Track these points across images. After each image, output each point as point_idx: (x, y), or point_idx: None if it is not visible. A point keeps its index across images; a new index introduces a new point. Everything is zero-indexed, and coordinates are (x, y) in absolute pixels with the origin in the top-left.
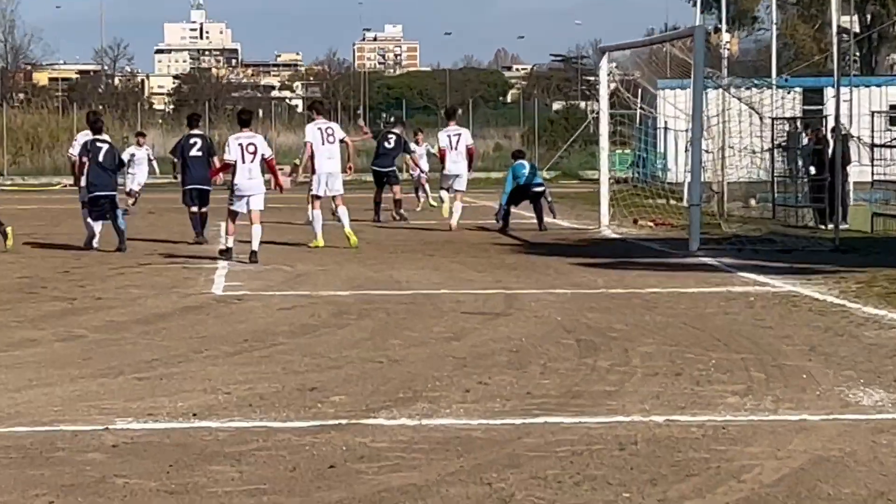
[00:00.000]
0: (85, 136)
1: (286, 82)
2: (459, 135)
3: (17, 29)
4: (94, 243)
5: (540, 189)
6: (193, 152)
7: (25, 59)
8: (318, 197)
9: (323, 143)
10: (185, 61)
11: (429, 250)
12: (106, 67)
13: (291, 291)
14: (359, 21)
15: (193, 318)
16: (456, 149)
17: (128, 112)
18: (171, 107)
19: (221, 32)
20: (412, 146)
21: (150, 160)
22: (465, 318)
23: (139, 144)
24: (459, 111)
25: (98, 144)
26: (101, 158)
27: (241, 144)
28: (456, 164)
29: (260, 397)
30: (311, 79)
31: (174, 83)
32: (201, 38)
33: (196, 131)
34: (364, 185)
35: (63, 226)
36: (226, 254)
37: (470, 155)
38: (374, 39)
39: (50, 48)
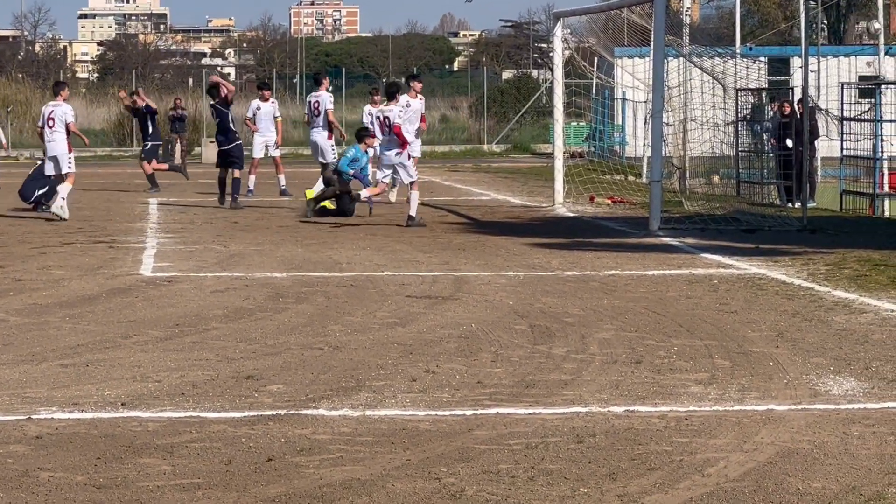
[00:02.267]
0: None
1: (218, 49)
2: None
3: None
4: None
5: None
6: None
7: None
8: None
9: None
10: (110, 27)
11: (370, 230)
12: (26, 33)
13: (224, 273)
14: None
15: (121, 301)
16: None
17: (49, 81)
18: (96, 75)
19: None
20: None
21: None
22: (411, 302)
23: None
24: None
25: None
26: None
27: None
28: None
29: (192, 386)
30: (245, 45)
31: (99, 50)
32: (128, 2)
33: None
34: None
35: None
36: None
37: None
38: (312, 4)
39: None
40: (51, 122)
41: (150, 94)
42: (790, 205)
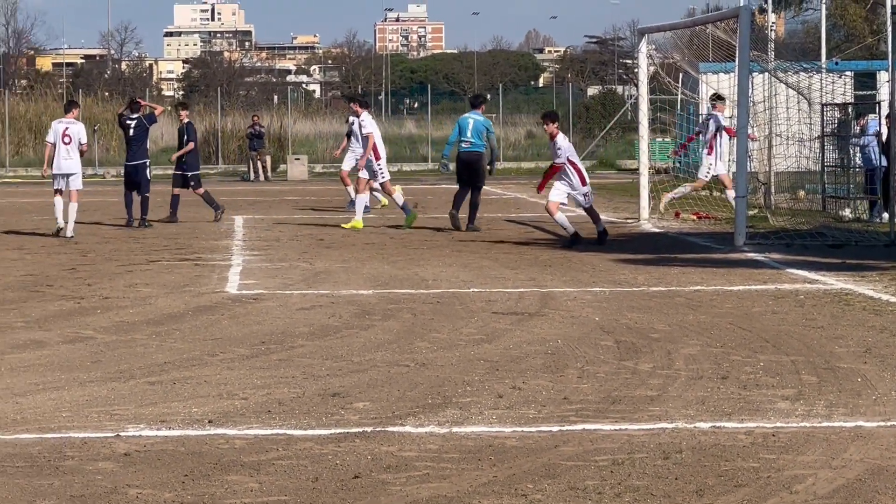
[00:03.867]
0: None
1: (303, 66)
2: None
3: (20, 12)
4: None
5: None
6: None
7: (28, 44)
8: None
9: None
10: (195, 44)
11: (457, 246)
12: (112, 52)
13: (310, 290)
14: (380, 1)
15: (207, 319)
16: None
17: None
18: (181, 93)
19: (234, 14)
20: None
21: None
22: (497, 318)
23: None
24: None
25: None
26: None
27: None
28: None
29: (279, 403)
30: (330, 62)
31: (184, 68)
32: (213, 19)
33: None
34: None
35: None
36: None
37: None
38: (397, 20)
39: (54, 32)
40: (66, 139)
41: (234, 110)
42: (877, 220)
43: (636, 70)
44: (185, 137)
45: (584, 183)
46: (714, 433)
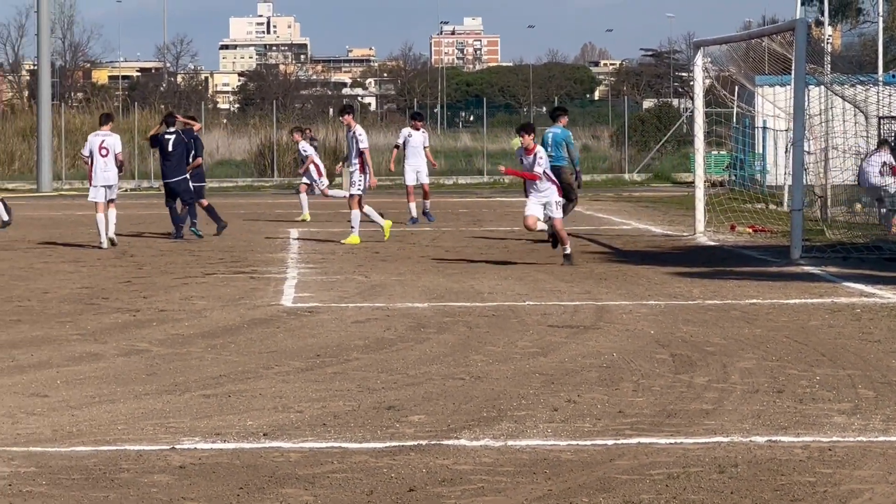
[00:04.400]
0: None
1: (358, 79)
2: None
3: (77, 25)
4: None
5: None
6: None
7: (84, 57)
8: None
9: None
10: (251, 57)
11: (512, 259)
12: (168, 65)
13: (366, 303)
14: (436, 14)
15: (262, 332)
16: None
17: (190, 111)
18: (237, 106)
19: (290, 26)
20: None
21: None
22: (552, 331)
23: None
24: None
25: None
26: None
27: None
28: None
29: (334, 416)
30: (385, 75)
31: (240, 81)
32: (268, 32)
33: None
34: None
35: (124, 232)
36: None
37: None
38: (453, 33)
39: (110, 45)
40: (104, 152)
41: (290, 124)
42: None
43: (692, 83)
44: (194, 150)
45: (560, 193)
46: (770, 447)
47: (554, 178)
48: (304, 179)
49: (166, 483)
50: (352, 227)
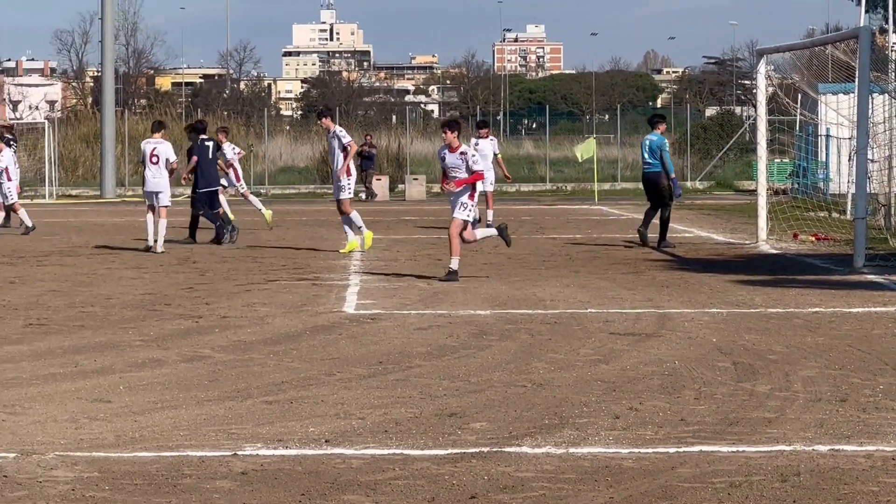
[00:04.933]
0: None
1: (421, 86)
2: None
3: (140, 32)
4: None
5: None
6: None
7: (148, 64)
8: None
9: None
10: (314, 64)
11: (574, 266)
12: (231, 71)
13: (428, 310)
14: (499, 21)
15: (325, 339)
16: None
17: (253, 118)
18: (300, 113)
19: (353, 33)
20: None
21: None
22: (614, 339)
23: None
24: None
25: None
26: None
27: None
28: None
29: (396, 423)
30: (448, 82)
31: (303, 87)
32: (331, 39)
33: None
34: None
35: (181, 239)
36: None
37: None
38: (515, 40)
39: (173, 52)
40: (154, 159)
41: (353, 131)
42: None
43: (754, 91)
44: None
45: (472, 198)
46: (833, 456)
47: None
48: (224, 182)
49: (228, 489)
50: (359, 228)
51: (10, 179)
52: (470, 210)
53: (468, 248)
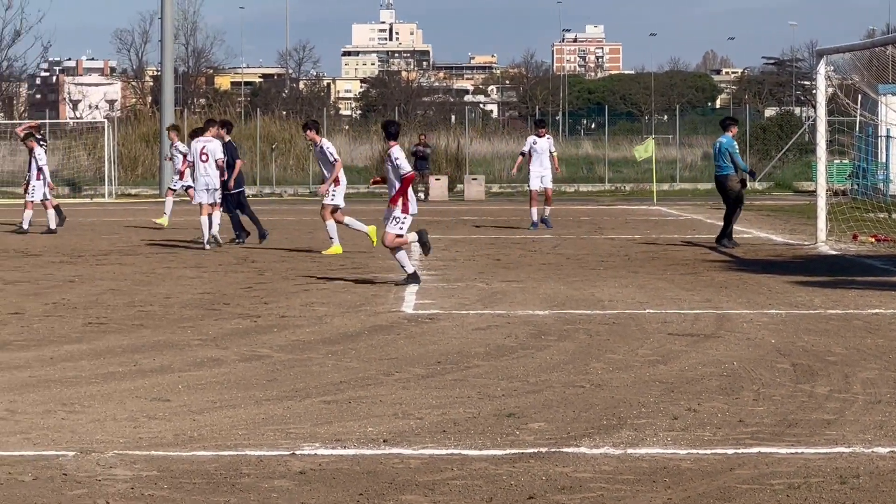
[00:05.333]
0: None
1: (480, 86)
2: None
3: (200, 31)
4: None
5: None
6: None
7: (207, 63)
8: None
9: None
10: (373, 64)
11: (633, 267)
12: (290, 71)
13: (487, 310)
14: (558, 21)
15: (383, 339)
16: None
17: (312, 118)
18: (359, 112)
19: (412, 33)
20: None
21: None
22: (673, 339)
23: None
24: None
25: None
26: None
27: None
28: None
29: (454, 423)
30: (507, 82)
31: (362, 87)
32: (390, 39)
33: None
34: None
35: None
36: None
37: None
38: (575, 41)
39: (232, 51)
40: (204, 157)
41: (412, 131)
42: None
43: (814, 91)
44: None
45: (406, 211)
46: (893, 458)
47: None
48: (172, 185)
49: (286, 488)
50: (330, 238)
51: (39, 179)
52: (402, 224)
53: (519, 245)
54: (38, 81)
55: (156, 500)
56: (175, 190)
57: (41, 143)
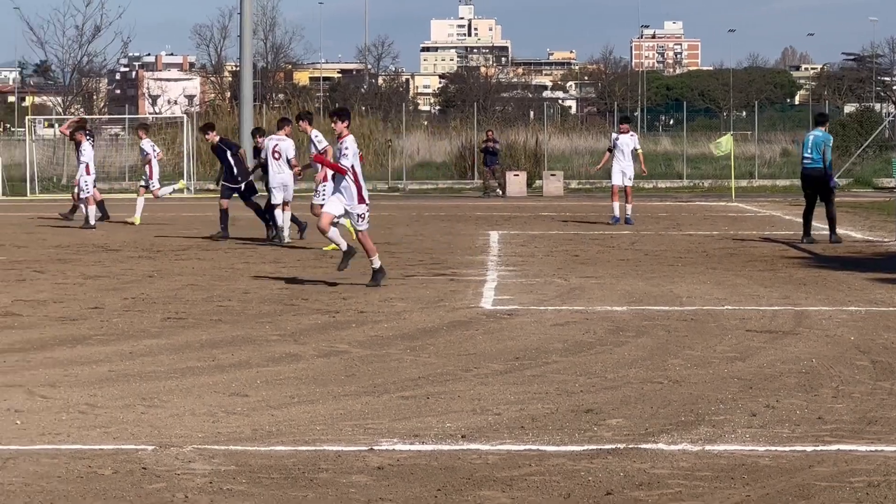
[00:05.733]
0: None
1: (559, 82)
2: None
3: (278, 27)
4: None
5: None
6: None
7: (286, 58)
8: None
9: None
10: (452, 60)
11: (711, 263)
12: (369, 66)
13: (565, 306)
14: (636, 17)
15: (461, 334)
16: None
17: (391, 113)
18: (437, 108)
19: (491, 29)
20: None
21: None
22: (751, 336)
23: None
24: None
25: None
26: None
27: None
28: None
29: (532, 419)
30: (586, 78)
31: (440, 83)
32: (469, 35)
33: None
34: None
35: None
36: None
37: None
38: (653, 37)
39: (311, 47)
40: (276, 155)
41: (491, 127)
42: None
43: (895, 87)
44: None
45: (361, 201)
46: None
47: (360, 177)
48: (141, 182)
49: (364, 484)
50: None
51: (89, 174)
52: (367, 222)
53: (597, 241)
54: (117, 77)
55: (234, 495)
56: (147, 188)
57: (88, 137)
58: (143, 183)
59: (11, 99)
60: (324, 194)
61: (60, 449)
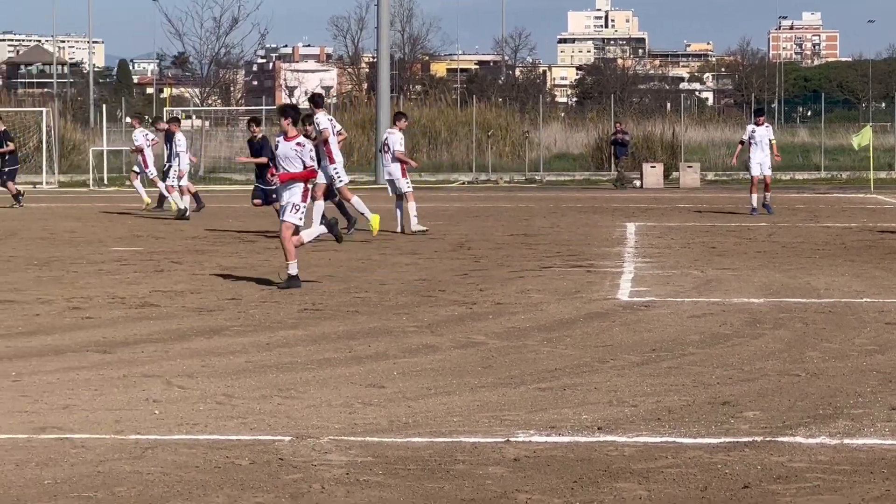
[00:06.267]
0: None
1: (696, 73)
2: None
3: (415, 18)
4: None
5: None
6: None
7: (423, 50)
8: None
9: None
10: (588, 51)
11: (849, 255)
12: (506, 58)
13: (702, 298)
14: (774, 8)
15: (598, 326)
16: None
17: (528, 105)
18: (574, 99)
19: (628, 21)
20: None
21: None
22: (890, 329)
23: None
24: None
25: None
26: None
27: None
28: None
29: (668, 411)
30: (723, 70)
31: (577, 74)
32: (606, 26)
33: None
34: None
35: (462, 225)
36: None
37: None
38: (791, 28)
39: (448, 38)
40: (385, 148)
41: (627, 118)
42: None
43: None
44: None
45: (304, 199)
46: None
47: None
48: (135, 168)
49: (500, 475)
50: (362, 214)
51: (146, 166)
52: (301, 212)
53: (734, 233)
54: (254, 68)
55: (370, 486)
56: (138, 173)
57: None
58: (136, 170)
59: (150, 90)
60: (339, 176)
61: (198, 439)
